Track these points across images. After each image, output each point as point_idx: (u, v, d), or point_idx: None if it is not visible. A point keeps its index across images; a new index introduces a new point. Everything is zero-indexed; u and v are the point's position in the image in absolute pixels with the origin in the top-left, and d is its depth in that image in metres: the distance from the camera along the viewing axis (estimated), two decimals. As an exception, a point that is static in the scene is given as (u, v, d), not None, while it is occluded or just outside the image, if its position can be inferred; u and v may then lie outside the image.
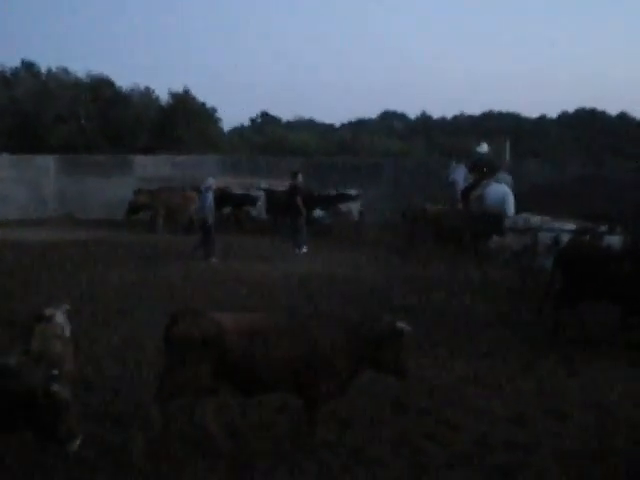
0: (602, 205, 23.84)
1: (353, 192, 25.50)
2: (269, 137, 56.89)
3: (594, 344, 10.95)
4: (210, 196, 19.98)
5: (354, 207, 25.29)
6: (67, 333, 7.54)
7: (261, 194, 25.83)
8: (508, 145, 30.75)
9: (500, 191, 21.61)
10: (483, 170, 22.77)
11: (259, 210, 26.03)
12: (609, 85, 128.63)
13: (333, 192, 25.29)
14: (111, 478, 6.49)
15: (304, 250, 20.62)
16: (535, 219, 17.69)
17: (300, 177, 21.52)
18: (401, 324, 7.07)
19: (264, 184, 27.33)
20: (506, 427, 7.66)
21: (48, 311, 7.54)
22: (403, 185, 28.31)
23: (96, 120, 43.96)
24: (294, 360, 6.91)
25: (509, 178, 22.36)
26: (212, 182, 20.56)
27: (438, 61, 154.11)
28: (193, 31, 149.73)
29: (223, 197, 25.19)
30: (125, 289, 14.63)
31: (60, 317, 7.58)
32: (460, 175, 23.60)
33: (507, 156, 29.06)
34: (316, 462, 6.72)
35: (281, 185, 25.31)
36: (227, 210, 25.89)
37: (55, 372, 6.00)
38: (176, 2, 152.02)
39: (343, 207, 25.14)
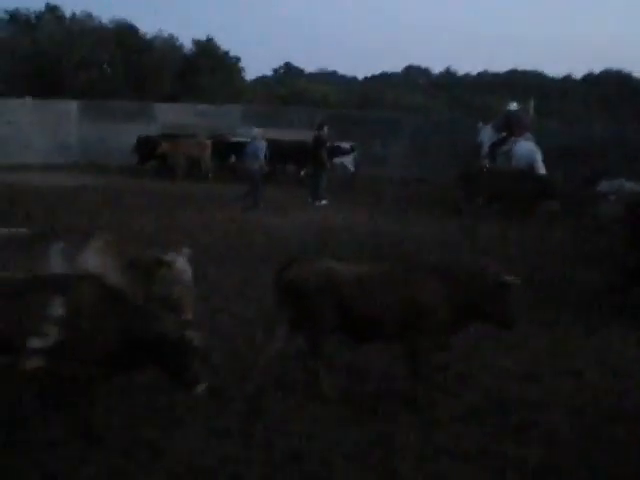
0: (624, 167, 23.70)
1: (346, 145, 25.77)
2: (291, 88, 56.52)
3: (612, 307, 10.96)
4: (256, 145, 20.02)
5: (347, 161, 25.74)
6: (188, 279, 7.36)
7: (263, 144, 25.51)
8: (532, 104, 30.49)
9: (528, 148, 21.47)
10: (512, 128, 22.55)
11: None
12: (637, 47, 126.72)
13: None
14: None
15: (323, 202, 20.62)
16: (629, 184, 17.67)
17: (326, 129, 21.57)
18: (507, 276, 7.08)
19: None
20: (519, 384, 7.70)
21: (169, 256, 7.31)
22: (423, 141, 28.16)
23: (119, 66, 43.77)
24: (399, 309, 6.97)
25: (532, 138, 22.21)
26: (257, 131, 20.54)
27: (464, 18, 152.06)
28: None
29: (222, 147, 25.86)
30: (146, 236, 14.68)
31: (182, 262, 7.37)
32: (485, 136, 23.55)
33: (531, 115, 28.83)
34: (331, 413, 6.78)
35: (288, 135, 25.46)
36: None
37: (189, 317, 6.43)
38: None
39: (336, 160, 25.39)
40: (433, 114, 43.13)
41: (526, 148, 21.50)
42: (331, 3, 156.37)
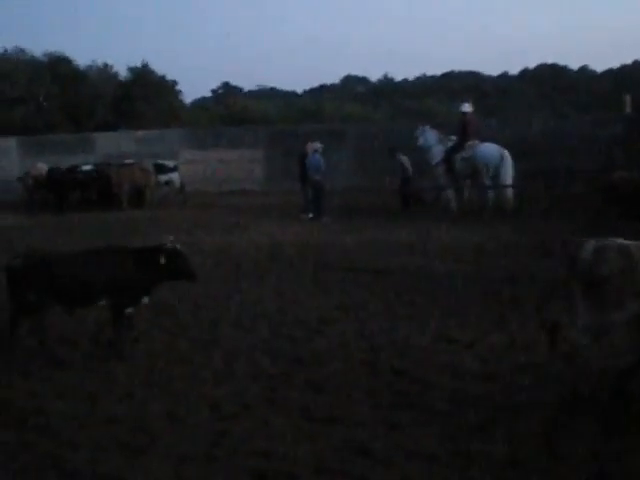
0: (565, 160, 24.08)
1: (170, 163, 27.51)
2: (231, 108, 56.54)
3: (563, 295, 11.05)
4: (317, 158, 21.24)
5: (174, 177, 27.36)
6: None
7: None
8: (471, 104, 30.76)
9: (494, 149, 21.09)
10: (467, 131, 21.87)
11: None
12: (570, 40, 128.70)
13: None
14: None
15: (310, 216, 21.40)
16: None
17: (312, 145, 22.20)
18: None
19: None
20: (479, 384, 7.69)
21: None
22: (366, 150, 28.34)
23: (55, 99, 43.45)
24: None
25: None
26: (318, 145, 21.76)
27: (397, 23, 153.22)
28: (149, 5, 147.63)
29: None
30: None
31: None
32: (432, 139, 22.66)
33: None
34: (292, 427, 6.73)
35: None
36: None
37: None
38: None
39: (164, 177, 27.03)
40: (374, 122, 43.41)
41: (490, 152, 21.07)
42: (265, 20, 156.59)
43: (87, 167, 26.78)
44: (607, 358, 8.30)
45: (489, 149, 21.18)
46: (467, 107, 22.63)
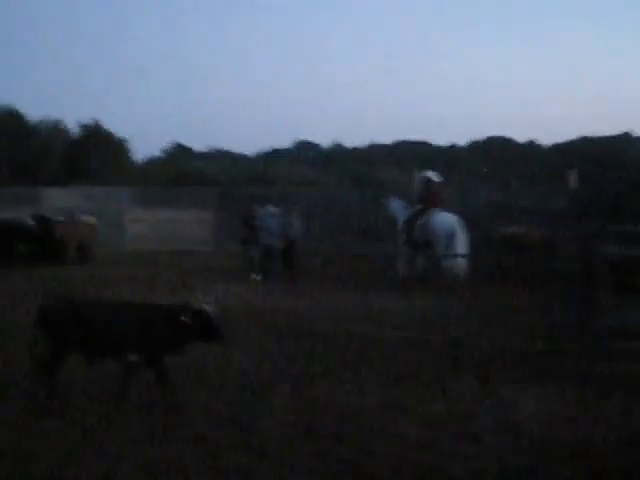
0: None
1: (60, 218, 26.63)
2: (181, 168, 56.62)
3: (505, 365, 11.19)
4: (271, 221, 22.04)
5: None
6: None
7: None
8: (417, 174, 31.15)
9: (449, 218, 21.22)
10: (432, 198, 21.92)
11: None
12: (517, 113, 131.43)
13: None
14: None
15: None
16: None
17: (256, 208, 23.01)
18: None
19: None
20: (419, 452, 7.66)
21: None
22: (312, 216, 28.51)
23: (3, 153, 43.17)
24: None
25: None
26: (274, 210, 22.66)
27: (350, 91, 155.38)
28: (102, 62, 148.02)
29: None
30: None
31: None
32: (399, 209, 22.89)
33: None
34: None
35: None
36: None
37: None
38: (82, 32, 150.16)
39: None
40: (323, 188, 43.77)
41: (445, 220, 21.11)
42: (217, 80, 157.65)
43: (29, 220, 26.11)
44: (546, 428, 8.38)
45: (444, 218, 21.23)
46: (433, 175, 22.71)
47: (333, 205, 29.37)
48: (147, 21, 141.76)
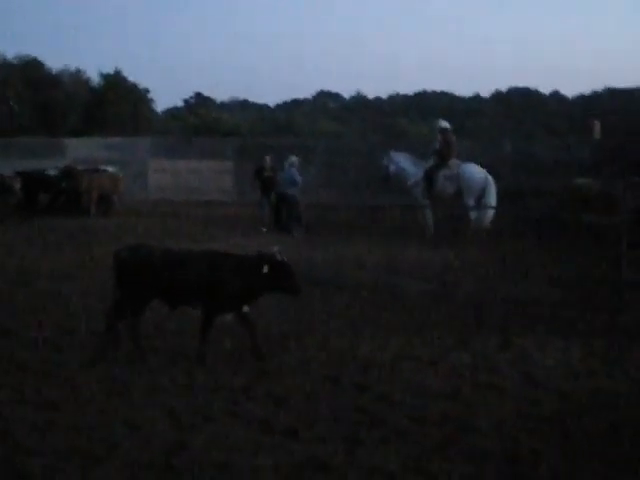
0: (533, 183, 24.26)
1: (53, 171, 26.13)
2: (202, 118, 56.45)
3: (528, 317, 11.18)
4: (293, 172, 21.73)
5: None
6: None
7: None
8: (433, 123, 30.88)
9: (479, 171, 20.64)
10: (450, 148, 21.08)
11: None
12: (542, 64, 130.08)
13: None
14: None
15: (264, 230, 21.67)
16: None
17: (268, 159, 22.95)
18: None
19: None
20: (441, 402, 7.71)
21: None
22: (336, 167, 28.37)
23: (26, 102, 43.13)
24: None
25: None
26: (294, 159, 22.17)
27: (372, 41, 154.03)
28: (124, 11, 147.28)
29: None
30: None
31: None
32: (403, 161, 21.78)
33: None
34: (252, 439, 6.70)
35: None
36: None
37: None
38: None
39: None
40: (345, 139, 43.55)
41: (477, 172, 20.58)
42: (239, 32, 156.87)
43: (53, 171, 26.09)
44: (568, 380, 8.40)
45: (474, 170, 20.67)
46: (445, 124, 21.82)
47: (353, 156, 29.14)
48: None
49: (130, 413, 7.23)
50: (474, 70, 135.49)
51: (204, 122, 54.34)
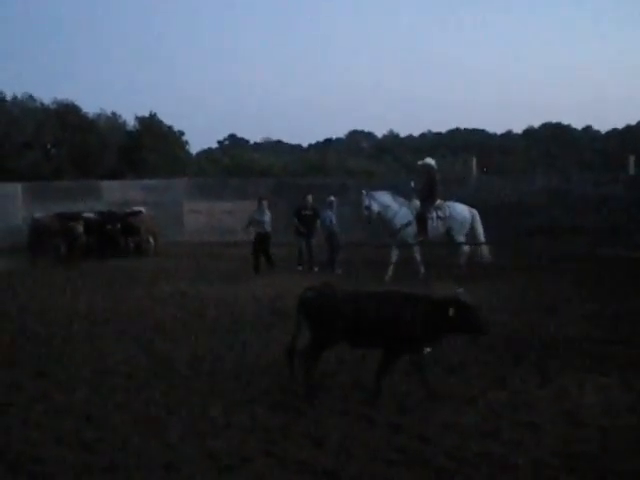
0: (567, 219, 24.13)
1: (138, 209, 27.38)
2: (237, 159, 56.90)
3: (566, 353, 11.07)
4: (329, 213, 22.27)
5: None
6: None
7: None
8: (475, 161, 30.92)
9: (466, 208, 20.74)
10: (435, 187, 20.73)
11: None
12: (575, 100, 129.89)
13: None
14: None
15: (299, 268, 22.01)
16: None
17: (309, 198, 22.84)
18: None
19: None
20: (479, 440, 7.64)
21: None
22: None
23: (63, 146, 43.78)
24: None
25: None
26: (333, 199, 22.75)
27: (404, 81, 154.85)
28: (159, 56, 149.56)
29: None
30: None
31: None
32: (388, 201, 20.75)
33: (474, 172, 29.18)
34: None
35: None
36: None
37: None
38: (138, 29, 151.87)
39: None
40: (376, 177, 43.64)
41: (465, 210, 20.70)
42: (273, 72, 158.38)
43: (89, 214, 26.42)
44: (608, 417, 8.29)
45: (462, 208, 20.72)
46: (430, 160, 21.39)
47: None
48: (202, 17, 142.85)
49: (167, 454, 7.25)
50: (506, 107, 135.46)
51: (238, 163, 54.78)
